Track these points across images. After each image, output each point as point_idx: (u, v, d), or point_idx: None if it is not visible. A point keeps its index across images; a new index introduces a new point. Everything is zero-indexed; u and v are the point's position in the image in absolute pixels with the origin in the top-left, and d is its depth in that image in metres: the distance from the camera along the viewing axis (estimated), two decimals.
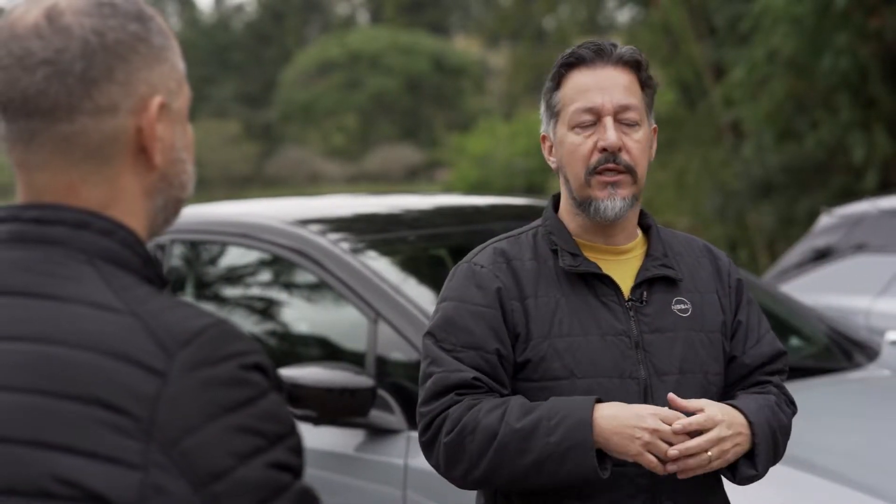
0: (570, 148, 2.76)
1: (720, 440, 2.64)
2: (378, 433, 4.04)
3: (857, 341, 5.18)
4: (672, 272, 2.81)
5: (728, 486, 2.87)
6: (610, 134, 2.72)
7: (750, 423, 2.69)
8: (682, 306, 2.80)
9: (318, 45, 48.72)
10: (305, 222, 4.60)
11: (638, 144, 2.76)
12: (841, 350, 5.02)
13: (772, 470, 3.18)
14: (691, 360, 2.77)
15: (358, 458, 4.04)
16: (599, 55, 2.77)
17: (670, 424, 2.60)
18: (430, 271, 4.76)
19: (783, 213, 13.71)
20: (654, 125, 2.87)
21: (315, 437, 4.00)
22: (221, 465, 1.42)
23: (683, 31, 15.29)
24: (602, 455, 2.62)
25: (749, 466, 2.72)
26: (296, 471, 1.49)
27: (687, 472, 2.63)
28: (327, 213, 4.94)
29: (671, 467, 2.62)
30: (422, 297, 4.26)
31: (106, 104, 1.54)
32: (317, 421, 4.00)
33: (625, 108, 2.75)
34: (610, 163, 2.73)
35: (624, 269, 2.81)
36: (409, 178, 41.02)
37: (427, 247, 4.89)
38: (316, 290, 4.56)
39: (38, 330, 1.47)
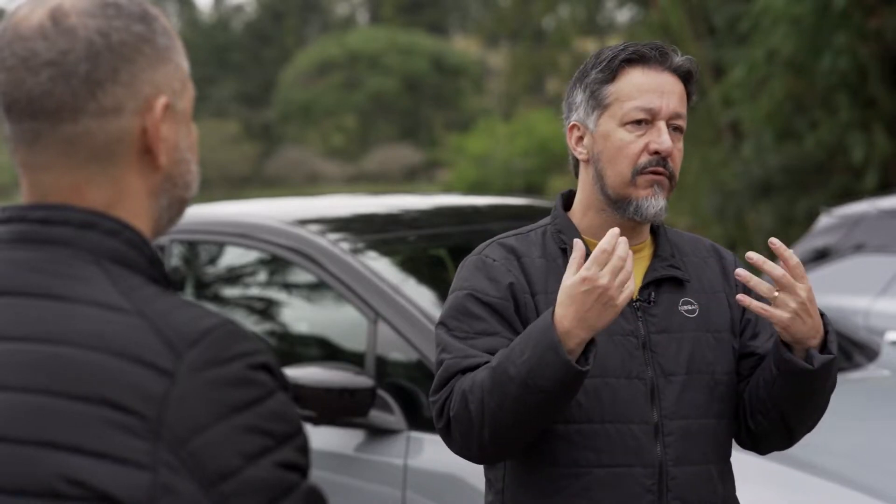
0: (619, 144, 2.72)
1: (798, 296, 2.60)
2: (378, 433, 4.04)
3: (857, 341, 5.18)
4: (679, 273, 2.80)
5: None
6: (665, 139, 2.70)
7: (823, 317, 2.66)
8: (689, 307, 2.79)
9: (318, 46, 48.72)
10: (305, 222, 4.60)
11: (680, 154, 2.75)
12: (840, 350, 5.01)
13: (772, 471, 3.19)
14: (698, 360, 2.75)
15: (357, 459, 4.04)
16: (662, 58, 2.74)
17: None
18: (429, 271, 4.76)
19: (782, 213, 13.72)
20: None
21: (315, 437, 4.00)
22: (230, 465, 1.42)
23: (682, 31, 15.30)
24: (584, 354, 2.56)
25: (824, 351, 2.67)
26: (303, 470, 1.50)
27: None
28: (327, 213, 4.94)
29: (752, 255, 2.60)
30: (421, 298, 4.27)
31: (110, 105, 1.54)
32: (316, 421, 4.00)
33: (677, 116, 2.73)
34: (659, 166, 2.71)
35: (633, 269, 2.80)
36: (409, 179, 41.02)
37: (427, 247, 4.89)
38: (315, 290, 4.56)
39: (46, 330, 1.47)
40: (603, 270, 2.50)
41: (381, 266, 4.39)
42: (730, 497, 2.82)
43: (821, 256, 7.91)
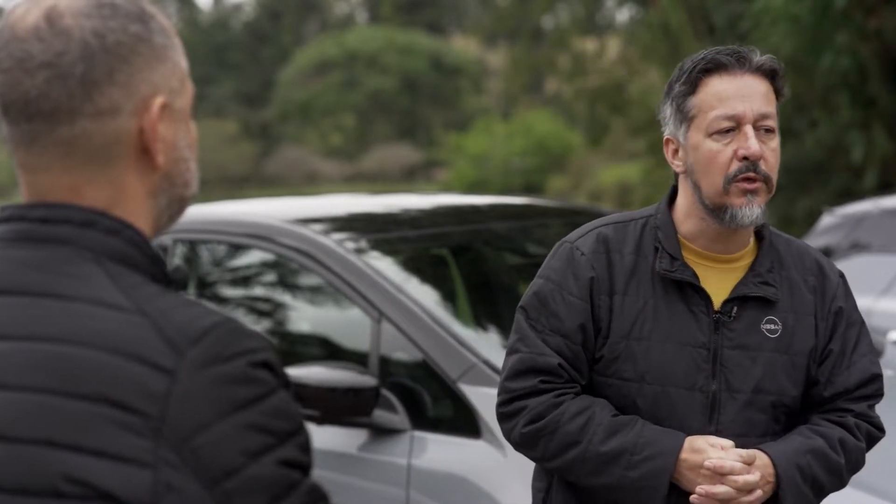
0: (708, 155, 2.71)
1: (747, 485, 2.66)
2: (381, 433, 4.03)
3: None
4: (771, 292, 2.78)
5: None
6: (752, 143, 2.68)
7: (777, 472, 2.69)
8: (773, 326, 2.77)
9: (316, 45, 48.76)
10: (308, 222, 4.59)
11: (774, 153, 2.74)
12: None
13: None
14: (768, 381, 2.75)
15: (361, 458, 4.04)
16: (740, 62, 2.73)
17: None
18: (432, 271, 4.76)
19: (782, 213, 13.73)
20: None
21: (318, 436, 3.99)
22: (232, 462, 1.42)
23: (682, 30, 15.31)
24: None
25: None
26: (305, 468, 1.49)
27: None
28: (329, 212, 4.94)
29: (694, 499, 2.66)
30: (425, 297, 4.26)
31: (107, 106, 1.54)
32: (320, 420, 4.00)
33: (764, 117, 2.72)
34: (750, 172, 2.69)
35: (724, 278, 2.78)
36: (407, 178, 41.05)
37: (429, 246, 4.89)
38: (319, 289, 4.55)
39: (47, 329, 1.47)
40: (727, 492, 2.64)
41: (384, 265, 4.39)
42: None
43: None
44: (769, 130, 2.74)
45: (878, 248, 7.59)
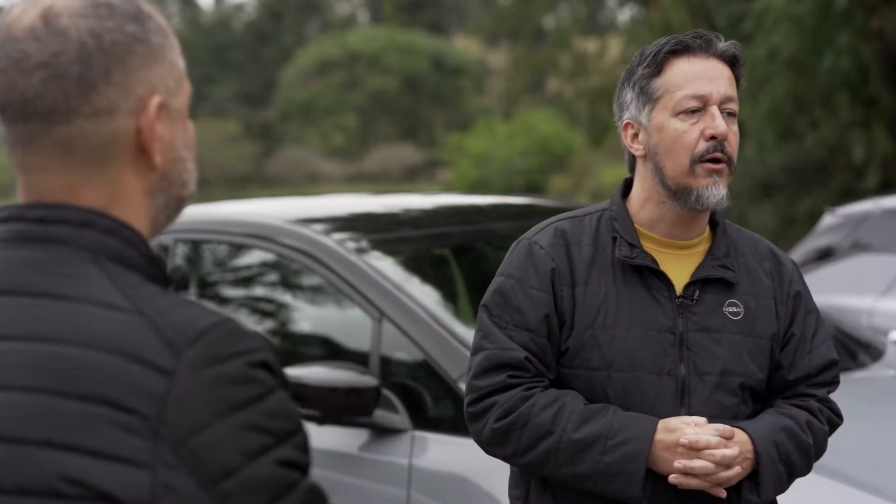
0: (674, 135, 2.74)
1: (725, 459, 2.66)
2: (382, 433, 4.04)
3: (862, 341, 5.17)
4: (730, 274, 2.81)
5: None
6: (720, 122, 2.72)
7: (755, 447, 2.70)
8: (735, 309, 2.79)
9: (318, 45, 48.75)
10: (309, 222, 4.60)
11: (735, 137, 2.78)
12: (845, 350, 5.01)
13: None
14: (735, 363, 2.76)
15: (362, 458, 4.04)
16: (706, 46, 2.77)
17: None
18: (433, 271, 4.76)
19: (784, 213, 13.73)
20: None
21: (319, 436, 4.00)
22: (230, 463, 1.42)
23: (684, 30, 15.29)
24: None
25: (751, 491, 2.73)
26: (303, 468, 1.49)
27: (686, 487, 2.68)
28: (330, 212, 4.94)
29: (672, 479, 2.66)
30: (426, 297, 4.27)
31: (104, 106, 1.54)
32: (321, 420, 4.00)
33: (729, 99, 2.76)
34: (718, 151, 2.73)
35: (683, 265, 2.81)
36: (409, 178, 41.04)
37: (431, 246, 4.89)
38: (320, 289, 4.55)
39: (46, 329, 1.46)
40: (705, 467, 2.63)
41: (385, 265, 4.39)
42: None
43: (824, 256, 7.91)
44: (731, 114, 2.77)
45: (879, 248, 7.59)
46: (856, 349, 5.05)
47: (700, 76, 2.74)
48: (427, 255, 4.87)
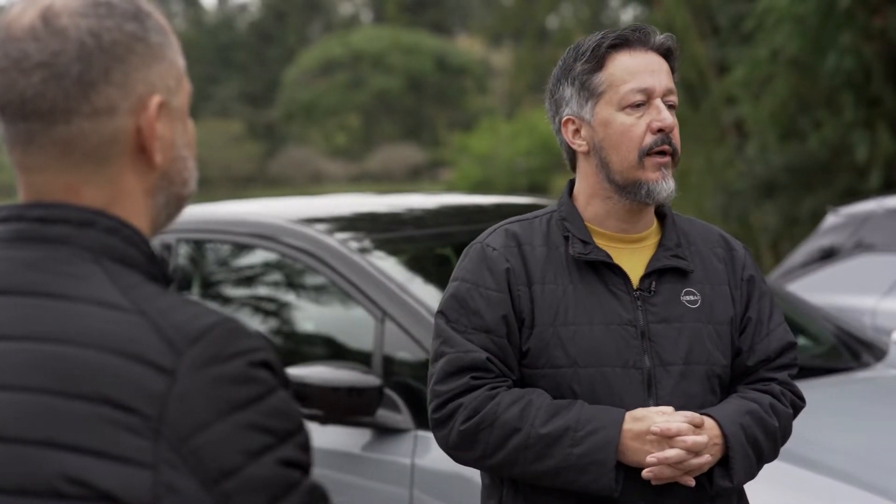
0: (621, 129, 2.74)
1: (696, 445, 2.66)
2: (385, 432, 4.04)
3: (865, 341, 5.17)
4: (683, 263, 2.81)
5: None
6: (666, 115, 2.73)
7: (723, 432, 2.70)
8: (692, 297, 2.80)
9: (321, 45, 48.78)
10: (312, 221, 4.60)
11: (677, 128, 2.77)
12: (848, 350, 5.01)
13: (779, 469, 3.18)
14: (697, 351, 2.77)
15: (365, 458, 4.04)
16: (644, 39, 2.78)
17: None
18: (436, 270, 4.76)
19: (787, 213, 13.72)
20: None
21: (322, 436, 3.99)
22: (232, 462, 1.42)
23: (686, 30, 15.29)
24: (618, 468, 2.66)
25: (724, 476, 2.73)
26: (305, 467, 1.49)
27: (661, 480, 2.67)
28: (333, 212, 4.95)
29: (646, 473, 2.65)
30: (428, 297, 4.26)
31: (104, 106, 1.53)
32: (324, 420, 4.00)
33: (670, 92, 2.77)
34: (665, 144, 2.73)
35: (636, 258, 2.81)
36: (412, 178, 41.07)
37: (433, 246, 4.89)
38: (323, 289, 4.56)
39: (46, 329, 1.46)
40: (678, 455, 2.62)
41: (388, 265, 4.39)
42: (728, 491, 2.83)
43: (827, 256, 7.90)
44: (672, 106, 2.77)
45: (882, 248, 7.58)
46: (859, 349, 5.05)
47: (642, 69, 2.74)
48: (430, 254, 4.87)
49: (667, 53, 2.79)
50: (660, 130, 2.73)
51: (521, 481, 2.75)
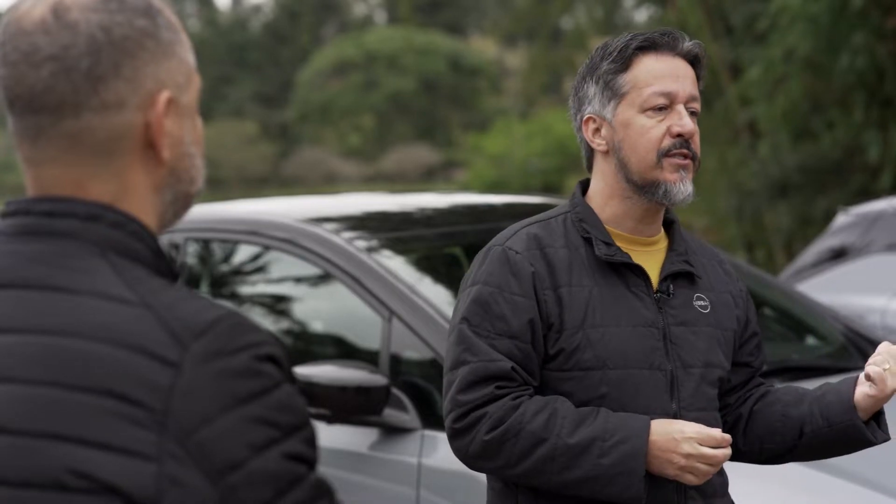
0: (640, 130, 2.73)
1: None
2: (392, 432, 4.04)
3: (874, 340, 5.16)
4: (693, 269, 2.83)
5: (742, 486, 2.89)
6: (687, 121, 2.73)
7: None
8: (703, 303, 2.82)
9: (335, 46, 48.78)
10: (320, 221, 4.60)
11: (697, 135, 2.77)
12: (857, 349, 5.00)
13: (785, 468, 3.18)
14: (712, 355, 2.79)
15: (372, 457, 4.04)
16: (672, 44, 2.77)
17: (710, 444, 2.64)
18: (444, 270, 4.76)
19: (800, 213, 13.69)
20: None
21: (329, 435, 4.00)
22: (237, 456, 1.42)
23: (700, 30, 15.27)
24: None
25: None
26: (310, 462, 1.49)
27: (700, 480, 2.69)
28: (341, 211, 4.94)
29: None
30: (436, 296, 4.26)
31: (112, 100, 1.54)
32: (331, 419, 4.00)
33: (693, 99, 2.76)
34: (683, 148, 2.73)
35: (650, 260, 2.81)
36: (426, 178, 41.04)
37: (441, 245, 4.89)
38: (330, 288, 4.56)
39: (52, 322, 1.47)
40: (716, 454, 2.61)
41: (395, 264, 4.39)
42: (724, 484, 2.86)
43: (837, 255, 7.89)
44: (694, 113, 2.77)
45: (893, 248, 7.56)
46: (868, 348, 5.04)
47: (667, 74, 2.74)
48: (438, 253, 4.87)
49: (694, 60, 2.79)
50: (679, 135, 2.72)
51: (541, 489, 2.72)
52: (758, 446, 2.86)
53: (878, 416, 2.78)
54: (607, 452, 2.61)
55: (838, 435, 2.75)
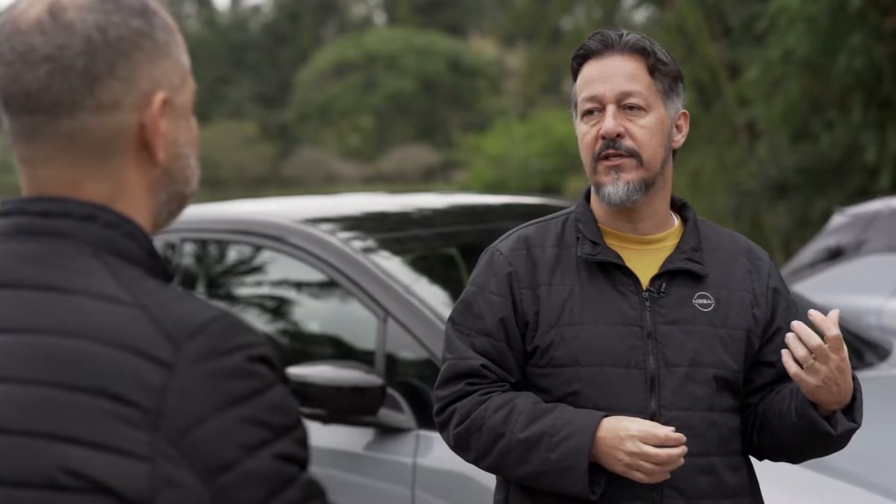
0: (581, 137, 2.82)
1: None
2: (387, 432, 4.04)
3: (869, 341, 5.16)
4: (696, 267, 2.83)
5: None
6: (606, 121, 2.77)
7: (855, 381, 2.76)
8: (705, 301, 2.82)
9: (335, 46, 48.78)
10: (316, 221, 4.60)
11: (643, 129, 2.78)
12: (852, 349, 5.00)
13: (783, 469, 3.18)
14: (706, 354, 2.78)
15: (367, 457, 4.04)
16: (606, 46, 2.81)
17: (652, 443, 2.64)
18: (440, 270, 4.76)
19: (798, 214, 13.70)
20: (683, 110, 2.88)
21: (324, 435, 4.00)
22: (229, 456, 1.43)
23: (699, 31, 15.29)
24: (599, 468, 2.69)
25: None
26: (302, 463, 1.50)
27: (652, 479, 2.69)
28: (338, 211, 4.94)
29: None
30: (432, 296, 4.27)
31: (108, 100, 1.54)
32: (326, 419, 4.00)
33: (627, 95, 2.78)
34: (609, 149, 2.77)
35: (650, 259, 2.83)
36: (425, 179, 41.03)
37: (437, 245, 4.89)
38: (326, 288, 4.56)
39: (47, 322, 1.47)
40: (658, 452, 2.62)
41: (391, 265, 4.39)
42: (742, 489, 2.84)
43: (834, 255, 7.90)
44: (635, 107, 2.79)
45: (888, 248, 7.57)
46: (863, 349, 5.05)
47: (595, 78, 2.80)
48: (434, 254, 4.87)
49: (641, 53, 2.81)
50: (603, 137, 2.77)
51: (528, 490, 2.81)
52: (772, 444, 2.85)
53: (851, 404, 2.76)
54: (554, 448, 2.67)
55: (805, 428, 2.74)
